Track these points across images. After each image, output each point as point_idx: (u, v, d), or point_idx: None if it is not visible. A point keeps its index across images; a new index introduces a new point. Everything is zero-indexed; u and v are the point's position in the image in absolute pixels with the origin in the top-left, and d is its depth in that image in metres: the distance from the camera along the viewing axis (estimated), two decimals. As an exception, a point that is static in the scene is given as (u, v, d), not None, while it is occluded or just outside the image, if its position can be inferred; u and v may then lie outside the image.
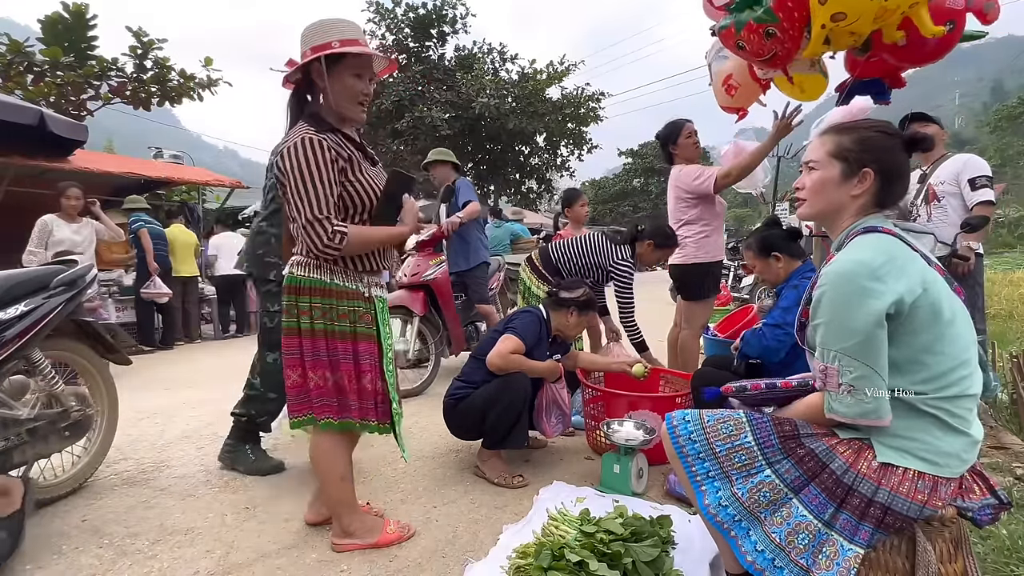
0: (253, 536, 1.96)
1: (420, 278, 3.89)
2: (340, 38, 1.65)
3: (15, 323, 1.84)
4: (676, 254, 3.28)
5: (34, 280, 2.00)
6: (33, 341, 1.94)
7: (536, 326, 2.52)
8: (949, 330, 1.19)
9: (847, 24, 2.11)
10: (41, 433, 2.05)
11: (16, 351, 1.86)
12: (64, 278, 2.09)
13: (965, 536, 1.25)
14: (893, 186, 1.32)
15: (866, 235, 1.27)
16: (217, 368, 5.16)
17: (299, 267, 1.73)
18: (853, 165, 1.30)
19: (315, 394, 1.75)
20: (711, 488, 1.31)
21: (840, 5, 2.10)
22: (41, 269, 2.10)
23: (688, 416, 1.40)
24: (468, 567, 1.75)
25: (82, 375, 2.39)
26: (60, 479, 2.26)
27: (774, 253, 2.34)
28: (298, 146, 1.63)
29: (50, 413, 2.10)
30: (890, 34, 2.10)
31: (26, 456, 2.01)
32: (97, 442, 2.42)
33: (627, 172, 32.76)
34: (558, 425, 2.61)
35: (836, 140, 1.34)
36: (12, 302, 1.88)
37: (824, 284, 1.23)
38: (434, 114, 14.73)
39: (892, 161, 1.30)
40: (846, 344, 1.19)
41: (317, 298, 1.72)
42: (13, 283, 1.91)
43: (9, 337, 1.82)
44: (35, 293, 1.97)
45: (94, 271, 2.30)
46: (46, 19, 7.40)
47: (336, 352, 1.75)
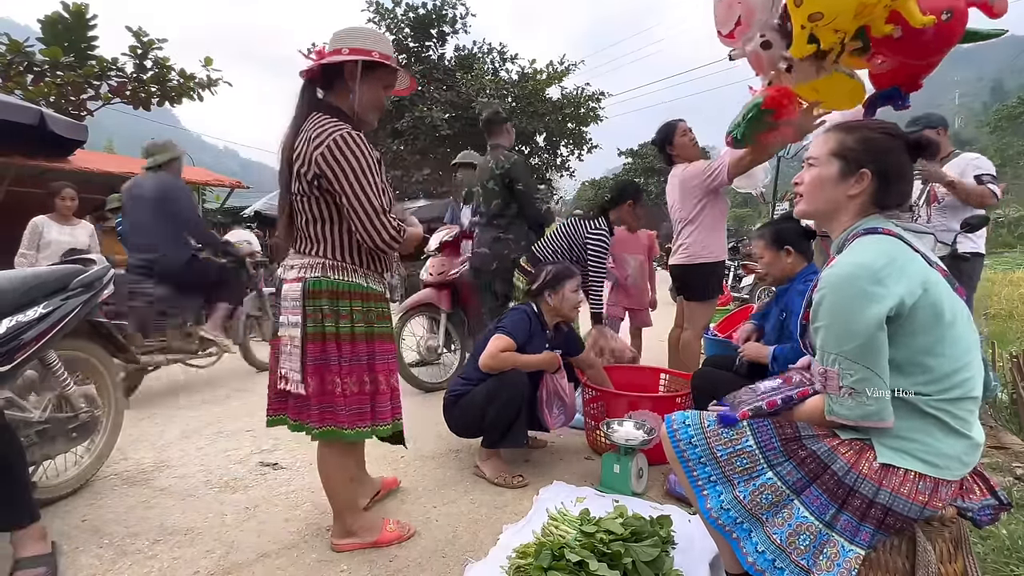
0: (253, 536, 1.96)
1: (447, 276, 3.99)
2: (381, 51, 1.71)
3: (34, 325, 1.81)
4: (679, 254, 3.25)
5: (54, 281, 1.96)
6: (51, 343, 1.91)
7: (525, 322, 2.52)
8: (950, 332, 1.19)
9: (826, 23, 2.11)
10: (50, 434, 2.05)
11: (33, 353, 1.83)
12: (83, 279, 2.07)
13: (965, 536, 1.25)
14: (891, 188, 1.31)
15: (866, 237, 1.27)
16: (217, 368, 5.16)
17: (335, 271, 1.70)
18: (852, 164, 1.30)
19: (347, 402, 1.71)
20: (713, 492, 1.31)
21: (816, 5, 2.10)
22: (60, 269, 2.07)
23: (688, 419, 1.40)
24: (468, 567, 1.75)
25: (91, 375, 2.38)
26: (62, 479, 2.25)
27: (786, 247, 2.30)
28: (348, 140, 1.62)
29: (60, 416, 2.09)
30: (879, 27, 2.09)
31: (34, 458, 2.00)
32: (101, 442, 2.42)
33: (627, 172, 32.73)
34: (560, 416, 2.60)
35: (839, 138, 1.34)
36: (31, 303, 1.84)
37: (824, 287, 1.23)
38: (434, 114, 14.71)
39: (891, 163, 1.30)
40: (846, 347, 1.18)
41: (357, 302, 1.72)
42: (32, 284, 1.87)
43: (27, 340, 1.78)
44: (54, 294, 1.93)
45: (111, 272, 2.29)
46: (46, 19, 7.40)
47: (375, 355, 1.76)
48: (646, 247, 4.07)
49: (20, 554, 1.65)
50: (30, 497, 1.72)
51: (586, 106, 17.66)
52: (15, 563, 1.63)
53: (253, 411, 3.53)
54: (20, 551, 1.65)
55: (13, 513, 1.65)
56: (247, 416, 3.43)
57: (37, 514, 1.70)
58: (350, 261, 1.72)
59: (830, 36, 2.21)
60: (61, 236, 4.62)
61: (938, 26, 1.92)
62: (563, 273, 2.63)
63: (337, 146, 1.61)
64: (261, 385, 4.33)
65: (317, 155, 1.61)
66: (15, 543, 1.65)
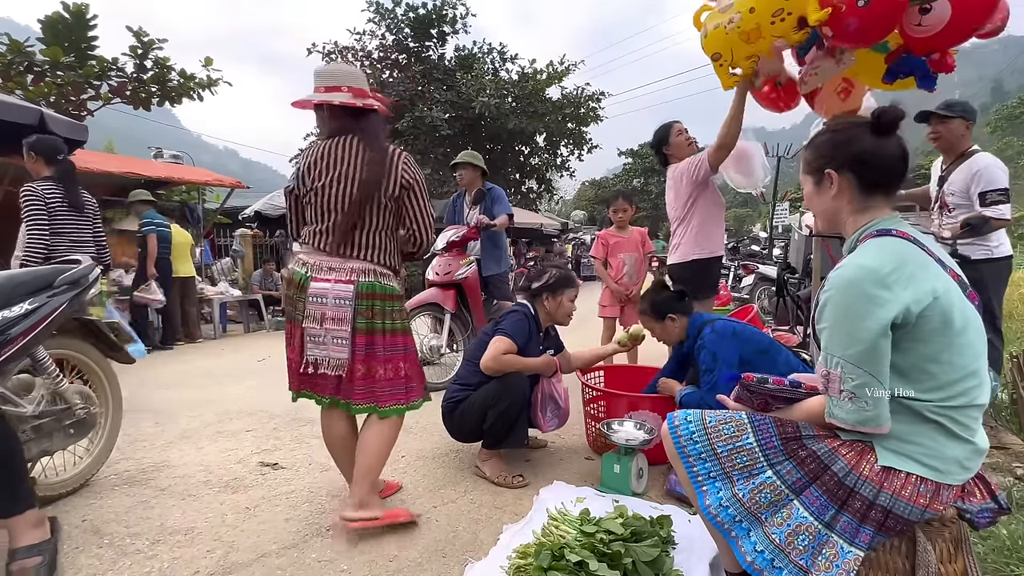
0: (253, 536, 1.97)
1: (452, 277, 3.98)
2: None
3: (20, 321, 1.86)
4: (674, 253, 3.26)
5: (38, 279, 2.02)
6: (38, 339, 1.97)
7: (524, 323, 2.52)
8: (959, 339, 1.16)
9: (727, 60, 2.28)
10: (46, 430, 2.09)
11: (21, 349, 1.89)
12: (67, 277, 2.12)
13: (965, 536, 1.25)
14: (866, 172, 1.28)
15: (879, 238, 1.24)
16: (217, 368, 5.17)
17: (382, 277, 1.97)
18: (817, 173, 1.35)
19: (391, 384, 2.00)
20: (712, 488, 1.31)
21: (713, 47, 2.28)
22: (44, 268, 2.14)
23: (690, 416, 1.40)
24: (468, 567, 1.75)
25: (86, 374, 2.41)
26: (63, 477, 2.28)
27: (668, 316, 2.51)
28: (411, 159, 2.01)
29: (55, 410, 2.13)
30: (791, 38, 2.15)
31: (31, 453, 2.04)
32: (101, 441, 2.46)
33: (627, 172, 32.76)
34: (553, 420, 2.60)
35: (804, 155, 1.41)
36: (17, 300, 1.90)
37: (830, 289, 1.21)
38: (434, 114, 14.71)
39: (850, 152, 1.29)
40: (849, 351, 1.17)
41: (396, 303, 2.00)
42: (17, 282, 1.94)
43: (14, 335, 1.84)
44: (39, 292, 1.99)
45: (97, 270, 2.33)
46: (46, 19, 7.39)
47: (408, 346, 2.05)
48: (639, 243, 4.08)
49: (17, 544, 1.67)
50: (26, 486, 1.75)
51: (586, 106, 17.66)
52: (11, 554, 1.66)
53: (253, 411, 3.54)
54: (17, 540, 1.67)
55: (13, 503, 1.68)
56: (247, 416, 3.43)
57: (33, 502, 1.73)
58: (390, 267, 2.01)
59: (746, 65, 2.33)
60: None
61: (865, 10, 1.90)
62: (565, 281, 2.63)
63: (412, 163, 2.00)
64: (261, 385, 4.34)
65: (406, 166, 1.97)
66: (11, 532, 1.68)
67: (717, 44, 2.27)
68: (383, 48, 16.75)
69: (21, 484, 1.73)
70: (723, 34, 2.21)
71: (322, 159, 1.93)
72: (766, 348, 2.32)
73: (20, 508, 1.69)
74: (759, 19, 2.10)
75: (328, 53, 16.53)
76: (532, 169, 18.94)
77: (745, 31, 2.14)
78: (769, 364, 2.23)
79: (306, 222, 2.02)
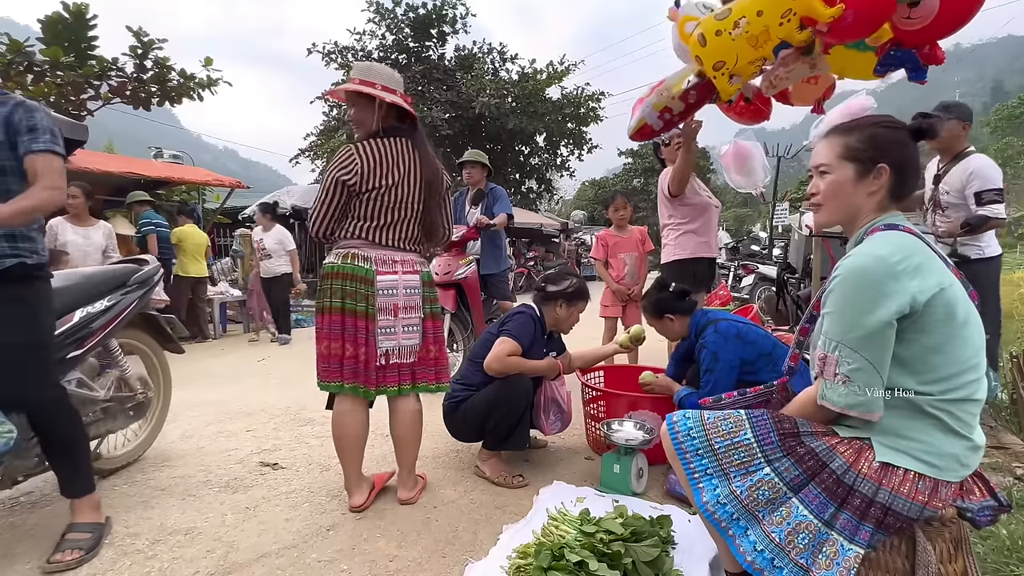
0: (253, 536, 1.97)
1: (452, 277, 3.96)
2: None
3: (101, 315, 2.17)
4: (663, 256, 3.44)
5: (116, 277, 2.34)
6: (114, 332, 2.27)
7: (530, 325, 2.50)
8: (962, 332, 1.18)
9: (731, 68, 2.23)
10: (112, 412, 2.38)
11: (100, 340, 2.18)
12: (140, 276, 2.44)
13: (965, 536, 1.25)
14: (907, 178, 1.31)
15: (886, 231, 1.26)
16: (217, 368, 5.17)
17: (427, 267, 2.23)
18: (867, 163, 1.30)
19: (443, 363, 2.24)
20: (709, 485, 1.30)
21: (715, 55, 2.23)
22: (121, 268, 2.45)
23: (688, 414, 1.40)
24: (468, 567, 1.75)
25: (144, 361, 2.72)
26: (120, 452, 2.57)
27: (667, 315, 2.55)
28: None
29: (121, 395, 2.43)
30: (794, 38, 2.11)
31: (100, 431, 2.34)
32: (153, 421, 2.74)
33: (627, 172, 32.78)
34: (556, 423, 2.60)
35: (843, 141, 1.33)
36: (99, 296, 2.20)
37: (838, 275, 1.23)
38: (434, 114, 14.71)
39: (903, 154, 1.30)
40: (849, 336, 1.19)
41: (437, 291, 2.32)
42: (99, 280, 2.25)
43: (96, 328, 2.14)
44: (116, 289, 2.30)
45: (161, 271, 2.64)
46: (46, 19, 7.38)
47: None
48: (639, 242, 4.09)
49: (76, 519, 1.87)
50: (89, 471, 1.95)
51: (586, 106, 17.67)
52: (69, 526, 1.87)
53: (253, 411, 3.54)
54: (77, 516, 1.88)
55: (77, 485, 1.89)
56: (247, 416, 3.43)
57: (93, 486, 1.94)
58: (427, 257, 2.25)
59: (749, 70, 2.30)
60: (76, 237, 4.59)
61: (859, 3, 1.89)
62: (582, 293, 2.63)
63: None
64: (261, 385, 4.34)
65: (443, 171, 2.21)
66: (74, 509, 1.88)
67: (721, 52, 2.20)
68: (383, 48, 16.75)
69: (86, 469, 1.93)
70: (728, 41, 2.15)
71: (386, 160, 2.04)
72: (769, 351, 2.30)
73: (82, 491, 1.89)
74: (767, 21, 2.06)
75: (328, 53, 16.53)
76: (532, 169, 18.96)
77: (753, 35, 2.09)
78: (772, 367, 2.23)
79: (359, 218, 2.06)
